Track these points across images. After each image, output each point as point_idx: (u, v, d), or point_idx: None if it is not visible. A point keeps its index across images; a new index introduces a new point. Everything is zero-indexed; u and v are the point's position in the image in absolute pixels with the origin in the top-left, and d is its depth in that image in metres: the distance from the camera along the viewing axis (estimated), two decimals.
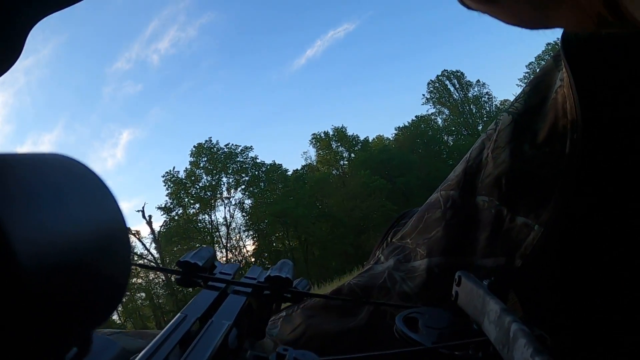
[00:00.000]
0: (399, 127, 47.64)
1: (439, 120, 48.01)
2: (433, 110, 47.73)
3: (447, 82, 47.47)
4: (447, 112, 47.28)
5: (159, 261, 38.75)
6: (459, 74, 47.66)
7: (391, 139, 47.78)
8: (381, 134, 49.12)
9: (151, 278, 38.99)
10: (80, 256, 0.27)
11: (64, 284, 0.25)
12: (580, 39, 0.66)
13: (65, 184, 0.29)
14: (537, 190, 0.70)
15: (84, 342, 0.31)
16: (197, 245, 25.67)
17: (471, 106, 47.65)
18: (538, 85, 0.76)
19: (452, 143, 47.50)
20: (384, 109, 69.17)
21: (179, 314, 0.48)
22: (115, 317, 40.02)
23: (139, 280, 39.27)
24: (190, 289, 0.65)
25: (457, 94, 47.57)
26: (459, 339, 0.53)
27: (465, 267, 0.68)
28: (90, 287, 0.28)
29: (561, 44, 0.68)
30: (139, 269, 38.77)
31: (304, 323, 0.79)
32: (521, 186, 0.72)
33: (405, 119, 65.75)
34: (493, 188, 0.74)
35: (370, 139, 46.64)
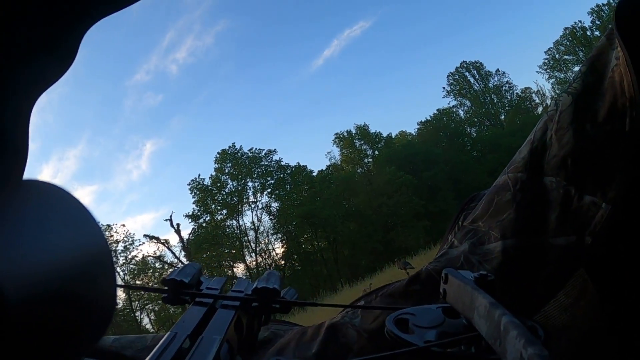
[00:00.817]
0: (421, 122, 49.38)
1: (461, 112, 49.85)
2: (454, 103, 49.74)
3: (466, 74, 49.35)
4: (468, 103, 49.11)
5: None
6: (478, 64, 49.40)
7: (414, 134, 49.58)
8: (404, 130, 51.28)
9: None
10: (65, 284, 0.28)
11: (49, 314, 0.26)
12: (633, 17, 0.70)
13: (45, 210, 0.29)
14: (602, 168, 0.75)
15: None
16: (227, 250, 28.08)
17: (492, 96, 49.43)
18: (594, 65, 0.79)
19: (475, 134, 49.30)
20: (405, 105, 71.13)
21: (168, 333, 0.50)
22: (148, 326, 42.34)
23: None
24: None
25: (477, 85, 49.45)
26: (451, 336, 0.56)
27: (538, 246, 0.76)
28: (77, 313, 0.29)
29: (614, 22, 0.71)
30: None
31: (385, 312, 0.82)
32: (586, 165, 0.76)
33: (427, 113, 68.12)
34: (560, 169, 0.79)
35: (393, 135, 48.68)
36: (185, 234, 41.87)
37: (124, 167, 62.55)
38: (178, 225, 41.40)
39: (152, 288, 0.75)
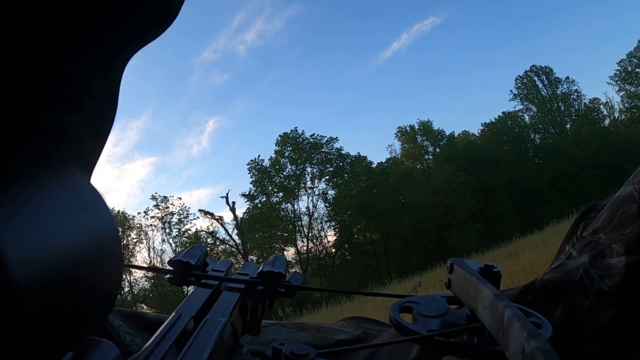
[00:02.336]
0: (485, 123, 52.34)
1: (526, 117, 52.74)
2: (520, 107, 52.64)
3: (535, 78, 52.23)
4: (534, 109, 52.00)
5: (240, 247, 45.61)
6: (547, 69, 52.21)
7: (477, 135, 52.72)
8: (467, 130, 54.36)
9: (235, 262, 45.99)
10: (74, 267, 0.31)
11: (58, 297, 0.29)
12: None
13: (59, 194, 0.32)
14: None
15: (79, 346, 0.36)
16: (279, 233, 32.75)
17: (559, 103, 52.11)
18: None
19: (538, 141, 52.25)
20: (470, 104, 74.00)
21: (173, 314, 0.54)
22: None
23: (222, 258, 46.14)
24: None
25: (545, 91, 52.30)
26: (454, 326, 0.60)
27: None
28: (85, 296, 0.32)
29: None
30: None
31: None
32: None
33: (492, 115, 70.75)
34: None
35: (456, 134, 51.91)
36: (239, 212, 45.83)
37: (185, 142, 67.01)
38: (233, 203, 45.44)
39: (160, 268, 0.81)
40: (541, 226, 35.60)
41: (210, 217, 45.38)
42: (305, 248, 45.89)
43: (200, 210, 52.97)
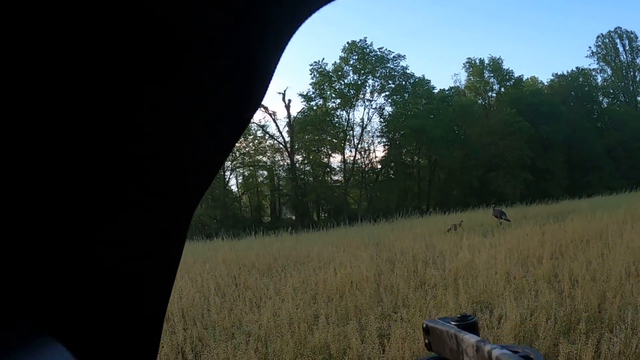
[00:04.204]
0: (556, 74, 56.18)
1: (599, 79, 56.33)
2: (595, 66, 56.26)
3: (617, 41, 55.68)
4: (609, 72, 55.54)
5: (287, 145, 50.62)
6: (632, 35, 55.40)
7: (545, 84, 56.39)
8: (535, 76, 57.73)
9: (277, 159, 51.09)
10: None
11: None
12: None
13: None
14: None
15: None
16: (329, 138, 37.90)
17: (636, 73, 55.60)
18: None
19: (605, 106, 56.01)
20: (546, 50, 78.47)
21: None
22: (234, 188, 51.62)
23: (264, 159, 51.63)
24: None
25: (624, 56, 55.76)
26: None
27: None
28: None
29: None
30: None
31: None
32: None
33: (565, 67, 74.88)
34: None
35: (524, 78, 55.32)
36: (293, 112, 49.95)
37: None
38: (289, 101, 49.03)
39: None
40: (589, 192, 40.25)
41: (263, 110, 49.41)
42: (352, 158, 50.44)
43: None
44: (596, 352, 5.00)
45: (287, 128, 50.06)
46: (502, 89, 54.08)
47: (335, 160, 51.71)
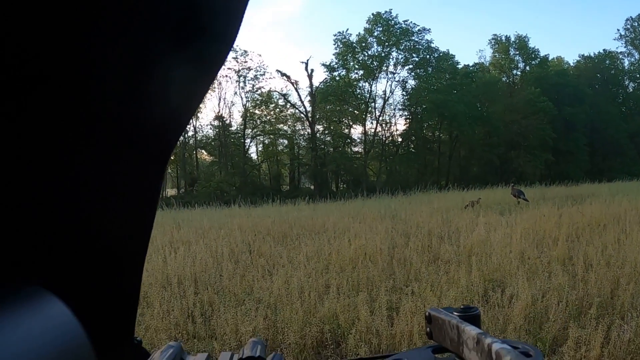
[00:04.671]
0: (582, 55, 55.57)
1: (626, 62, 55.22)
2: (623, 50, 55.04)
3: None
4: (637, 56, 54.20)
5: (309, 115, 50.61)
6: None
7: (571, 65, 55.55)
8: (562, 56, 57.16)
9: (298, 128, 51.12)
10: None
11: None
12: None
13: (29, 317, 0.36)
14: None
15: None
16: (350, 109, 37.76)
17: None
18: None
19: (631, 90, 55.19)
20: (573, 31, 77.25)
21: None
22: (254, 156, 52.05)
23: (285, 128, 51.71)
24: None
25: None
26: None
27: None
28: None
29: None
30: None
31: None
32: None
33: (592, 49, 74.15)
34: None
35: (550, 58, 54.54)
36: (315, 82, 49.81)
37: None
38: (312, 71, 49.20)
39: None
40: (610, 177, 40.01)
41: (286, 79, 49.30)
42: (372, 130, 50.60)
43: (277, 71, 57.22)
44: (605, 339, 4.92)
45: (308, 98, 50.21)
46: (527, 68, 53.59)
47: (356, 131, 51.86)
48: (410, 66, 50.90)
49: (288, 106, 50.11)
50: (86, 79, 0.50)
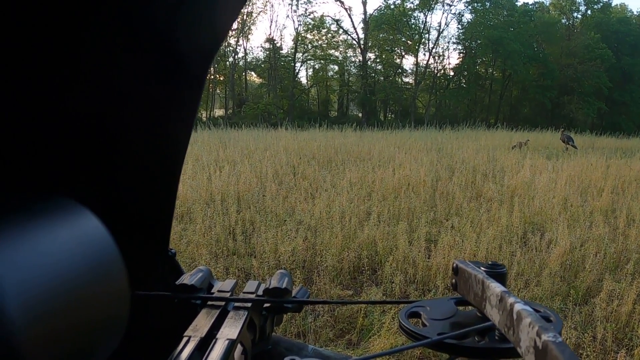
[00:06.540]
0: None
1: None
2: None
3: None
4: None
5: (361, 42, 49.62)
6: None
7: (635, 13, 52.41)
8: (625, 4, 54.54)
9: (349, 55, 50.29)
10: (75, 297, 0.33)
11: (58, 329, 0.31)
12: None
13: (61, 228, 0.36)
14: None
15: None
16: (403, 39, 36.38)
17: None
18: None
19: None
20: None
21: (183, 338, 0.59)
22: (303, 80, 51.41)
23: (336, 54, 50.83)
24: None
25: None
26: (464, 327, 0.63)
27: None
28: (87, 327, 0.34)
29: None
30: None
31: None
32: None
33: None
34: None
35: (613, 4, 51.62)
36: (370, 8, 49.18)
37: None
38: None
39: (165, 295, 0.81)
40: None
41: (340, 4, 48.65)
42: (425, 62, 49.12)
43: None
44: (639, 296, 4.87)
45: (361, 25, 48.79)
46: (589, 12, 50.81)
47: (408, 62, 51.10)
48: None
49: (340, 32, 48.73)
50: None
